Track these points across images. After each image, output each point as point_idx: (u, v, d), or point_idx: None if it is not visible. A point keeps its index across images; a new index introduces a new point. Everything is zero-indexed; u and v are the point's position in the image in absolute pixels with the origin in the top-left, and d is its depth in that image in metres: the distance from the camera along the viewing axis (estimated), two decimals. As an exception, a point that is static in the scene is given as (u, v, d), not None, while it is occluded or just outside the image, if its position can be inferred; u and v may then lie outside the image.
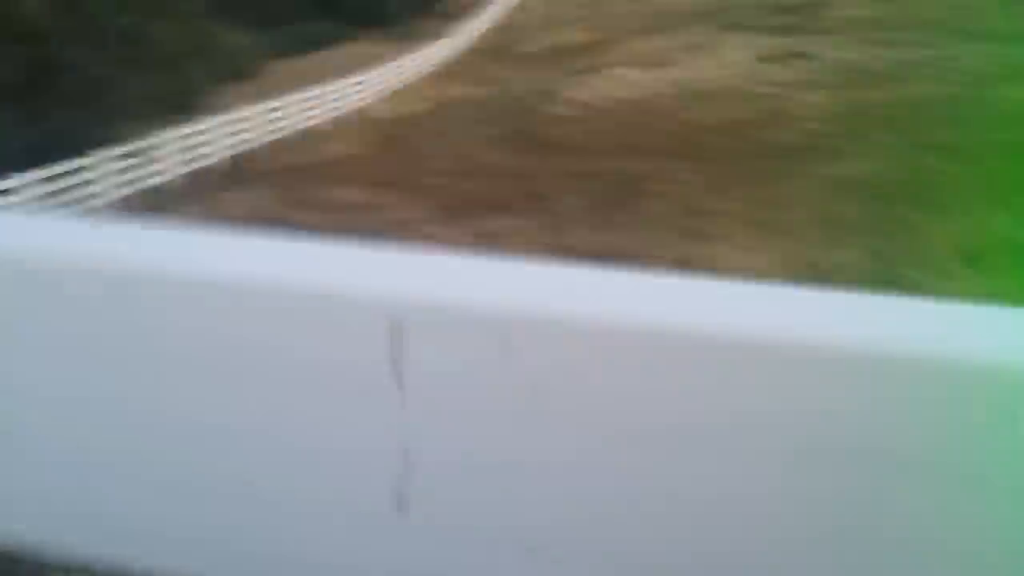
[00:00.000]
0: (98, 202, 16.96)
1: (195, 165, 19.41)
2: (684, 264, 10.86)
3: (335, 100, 26.24)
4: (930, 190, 14.45)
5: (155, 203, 17.07)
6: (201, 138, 19.88)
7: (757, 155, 18.98)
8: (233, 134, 21.11)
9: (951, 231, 11.72)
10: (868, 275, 10.03)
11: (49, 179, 16.02)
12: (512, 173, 18.04)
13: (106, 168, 17.54)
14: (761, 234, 12.54)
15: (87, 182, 17.01)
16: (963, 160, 16.66)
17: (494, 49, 39.00)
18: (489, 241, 12.66)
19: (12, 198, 15.05)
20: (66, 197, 16.35)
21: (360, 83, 28.16)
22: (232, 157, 20.80)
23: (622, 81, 29.49)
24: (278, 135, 23.15)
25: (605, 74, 30.60)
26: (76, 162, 16.62)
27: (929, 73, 27.92)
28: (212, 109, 22.85)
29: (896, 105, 23.30)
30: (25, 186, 15.45)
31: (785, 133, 21.14)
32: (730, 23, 41.01)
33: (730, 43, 36.40)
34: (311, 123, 24.83)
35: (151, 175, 18.31)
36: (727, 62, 32.15)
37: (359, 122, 25.83)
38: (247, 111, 21.89)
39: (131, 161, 18.05)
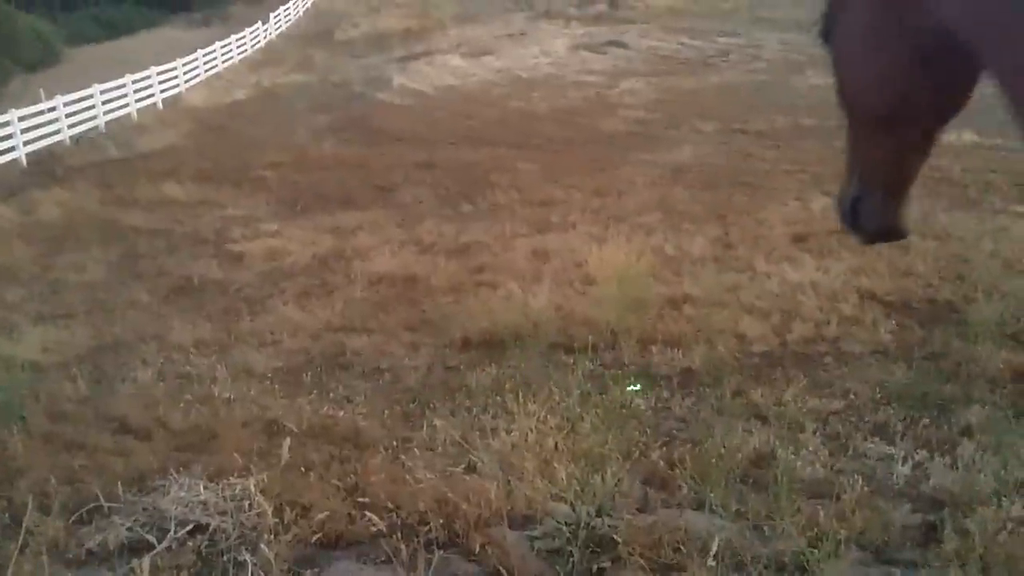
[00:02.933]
0: None
1: (-5, 162, 17.75)
2: (542, 257, 11.06)
3: (148, 88, 24.68)
4: (752, 175, 15.42)
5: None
6: (1, 131, 18.16)
7: (586, 142, 19.56)
8: (38, 126, 19.42)
9: (779, 215, 12.57)
10: (714, 262, 10.58)
11: None
12: (349, 164, 17.68)
13: None
14: (604, 223, 12.94)
15: None
16: (778, 145, 17.90)
17: (313, 34, 37.92)
18: (340, 237, 12.37)
19: None
20: None
21: (173, 70, 26.64)
22: (38, 152, 19.15)
23: (448, 69, 29.50)
24: (88, 126, 21.52)
25: (430, 61, 30.49)
26: None
27: (736, 60, 29.75)
28: (11, 100, 20.95)
29: (709, 92, 24.68)
30: None
31: (610, 120, 21.90)
32: (544, 11, 41.96)
33: (546, 31, 37.24)
34: (123, 112, 23.25)
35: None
36: (546, 50, 32.85)
37: (176, 111, 24.43)
38: (52, 101, 20.18)
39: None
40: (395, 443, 5.35)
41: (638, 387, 6.72)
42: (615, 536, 3.41)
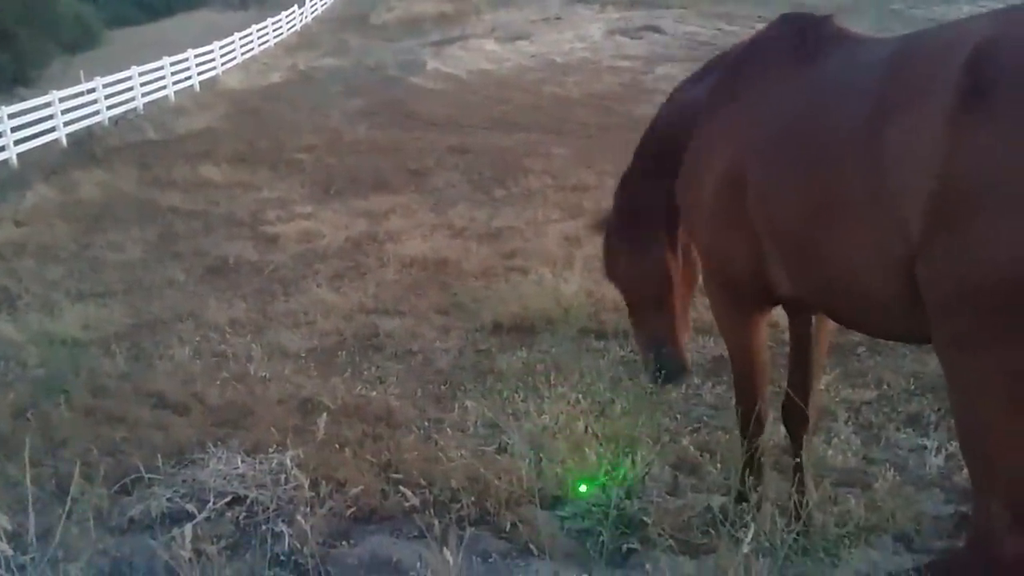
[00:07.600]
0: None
1: (37, 141, 18.03)
2: (574, 242, 11.05)
3: (185, 70, 24.94)
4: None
5: (-3, 184, 15.78)
6: (42, 112, 18.47)
7: (620, 128, 19.43)
8: (78, 107, 19.72)
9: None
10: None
11: None
12: (383, 148, 17.76)
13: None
14: (637, 208, 12.91)
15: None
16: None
17: (348, 18, 38.03)
18: (373, 221, 12.46)
19: None
20: None
21: (210, 52, 26.88)
22: (78, 132, 19.45)
23: (482, 53, 29.47)
24: (127, 108, 21.82)
25: (464, 46, 30.47)
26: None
27: (774, 48, 29.37)
28: (52, 81, 21.28)
29: (746, 80, 24.39)
30: None
31: (644, 106, 21.72)
32: (580, -5, 41.73)
33: (582, 16, 37.03)
34: (161, 94, 23.53)
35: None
36: (582, 35, 32.69)
37: (213, 94, 24.66)
38: (91, 83, 20.48)
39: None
40: (427, 423, 5.42)
41: None
42: (644, 517, 3.44)
